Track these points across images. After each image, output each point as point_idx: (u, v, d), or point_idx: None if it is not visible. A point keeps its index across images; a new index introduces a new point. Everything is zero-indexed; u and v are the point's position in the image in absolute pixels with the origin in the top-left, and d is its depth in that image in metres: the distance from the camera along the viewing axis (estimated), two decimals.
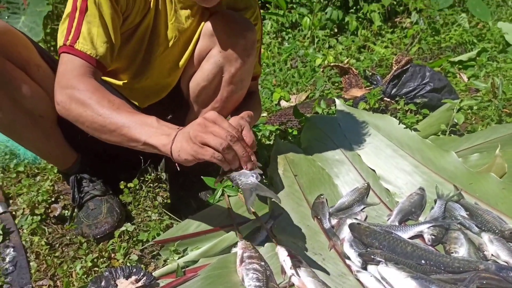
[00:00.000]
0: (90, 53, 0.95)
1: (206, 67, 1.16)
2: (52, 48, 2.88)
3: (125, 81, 1.21)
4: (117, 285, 0.94)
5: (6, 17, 2.29)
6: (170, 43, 1.14)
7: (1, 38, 1.00)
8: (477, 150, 1.38)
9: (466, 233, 1.04)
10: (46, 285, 1.03)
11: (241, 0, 1.21)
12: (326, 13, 4.20)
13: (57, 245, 1.18)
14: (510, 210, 1.09)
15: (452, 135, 1.55)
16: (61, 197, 1.37)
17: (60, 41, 0.97)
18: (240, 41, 1.10)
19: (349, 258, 0.99)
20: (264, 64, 3.42)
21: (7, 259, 1.10)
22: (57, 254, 1.14)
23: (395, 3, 4.27)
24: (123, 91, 1.24)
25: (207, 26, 1.12)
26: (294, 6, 4.65)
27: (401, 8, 4.31)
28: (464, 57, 2.79)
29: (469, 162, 1.33)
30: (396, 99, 1.77)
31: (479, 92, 1.99)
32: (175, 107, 1.31)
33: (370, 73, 2.81)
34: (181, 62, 1.19)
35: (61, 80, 0.95)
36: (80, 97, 0.92)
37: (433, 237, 1.02)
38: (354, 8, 4.54)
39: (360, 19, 4.31)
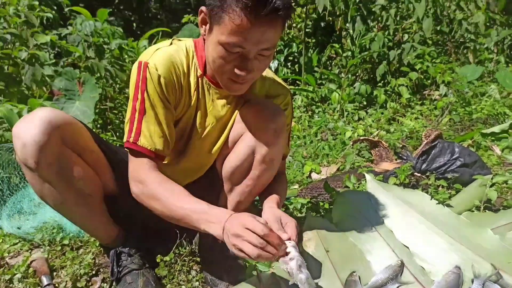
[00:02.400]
0: (150, 148, 1.13)
1: (239, 149, 1.26)
2: (98, 126, 3.15)
3: (167, 162, 1.32)
4: None
5: (64, 102, 2.57)
6: (208, 129, 1.26)
7: (64, 129, 1.14)
8: None
9: None
10: None
11: (274, 89, 1.32)
12: (354, 87, 4.36)
13: None
14: None
15: (486, 211, 1.52)
16: (101, 270, 1.43)
17: (125, 137, 1.15)
18: (270, 125, 1.19)
19: None
20: (295, 136, 3.53)
21: None
22: None
23: (422, 77, 4.38)
24: (166, 170, 1.36)
25: (241, 113, 1.25)
26: (323, 82, 4.87)
27: (429, 81, 4.40)
28: (496, 128, 2.77)
29: (507, 240, 1.29)
30: (427, 174, 1.79)
31: None
32: (211, 185, 1.40)
33: (401, 145, 2.84)
34: (217, 145, 1.30)
35: (134, 175, 1.16)
36: (148, 192, 1.13)
37: None
38: (382, 82, 4.69)
39: (388, 93, 4.42)
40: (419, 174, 1.81)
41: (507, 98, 3.88)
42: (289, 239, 1.09)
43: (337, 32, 5.28)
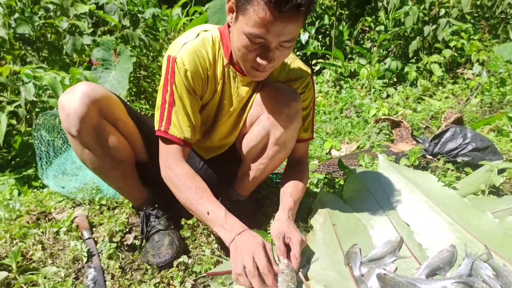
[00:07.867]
0: (179, 136, 1.26)
1: (255, 130, 1.38)
2: (132, 94, 3.34)
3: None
4: None
5: (101, 72, 2.75)
6: (232, 114, 1.39)
7: (101, 102, 1.29)
8: None
9: None
10: None
11: (294, 72, 1.40)
12: (385, 63, 4.30)
13: (128, 269, 1.41)
14: None
15: (491, 195, 1.58)
16: (134, 228, 1.63)
17: (156, 125, 1.27)
18: (284, 110, 1.29)
19: None
20: (320, 111, 3.59)
21: (89, 277, 1.35)
22: (127, 276, 1.37)
23: (456, 54, 4.26)
24: (193, 147, 1.51)
25: (258, 96, 1.35)
26: (354, 56, 4.82)
27: (463, 59, 4.27)
28: None
29: (505, 223, 1.36)
30: (438, 157, 1.84)
31: None
32: (231, 159, 1.54)
33: (424, 126, 2.86)
34: (238, 127, 1.43)
35: (165, 161, 1.29)
36: (175, 181, 1.26)
37: None
38: (414, 58, 4.58)
39: (420, 70, 4.33)
40: (430, 157, 1.87)
41: None
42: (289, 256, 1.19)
43: (372, 4, 5.15)
